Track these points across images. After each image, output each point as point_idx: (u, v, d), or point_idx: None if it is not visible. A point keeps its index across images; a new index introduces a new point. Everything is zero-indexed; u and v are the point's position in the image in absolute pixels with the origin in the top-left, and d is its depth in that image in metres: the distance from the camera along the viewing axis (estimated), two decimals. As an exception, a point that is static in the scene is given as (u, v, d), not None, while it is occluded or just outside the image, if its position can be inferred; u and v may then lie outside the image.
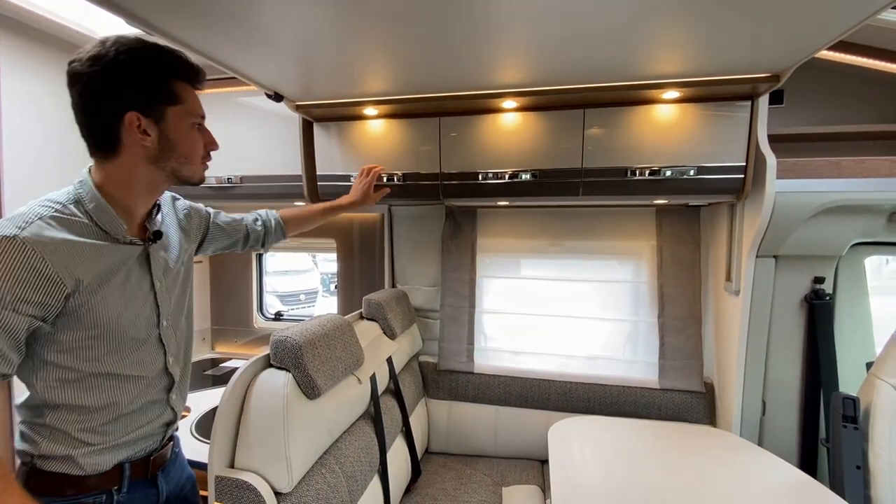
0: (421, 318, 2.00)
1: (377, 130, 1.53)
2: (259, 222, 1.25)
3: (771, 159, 1.26)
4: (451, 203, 1.71)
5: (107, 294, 0.77)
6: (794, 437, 1.51)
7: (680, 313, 1.68)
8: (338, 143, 1.57)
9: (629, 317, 1.79)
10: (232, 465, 0.94)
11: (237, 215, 1.22)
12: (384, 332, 1.62)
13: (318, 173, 1.60)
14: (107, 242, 0.78)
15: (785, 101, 1.53)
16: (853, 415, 1.24)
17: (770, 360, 1.50)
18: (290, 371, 1.02)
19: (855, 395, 1.27)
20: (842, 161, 1.31)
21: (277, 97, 1.36)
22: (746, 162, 1.30)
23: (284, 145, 1.64)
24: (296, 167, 1.63)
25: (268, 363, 1.05)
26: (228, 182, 1.74)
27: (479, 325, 1.90)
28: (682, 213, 1.69)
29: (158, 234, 0.88)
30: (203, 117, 0.87)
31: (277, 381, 0.99)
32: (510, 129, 1.43)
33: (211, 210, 1.16)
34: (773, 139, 1.32)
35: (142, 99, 0.76)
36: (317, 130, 1.58)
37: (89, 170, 0.82)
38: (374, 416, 1.37)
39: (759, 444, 1.48)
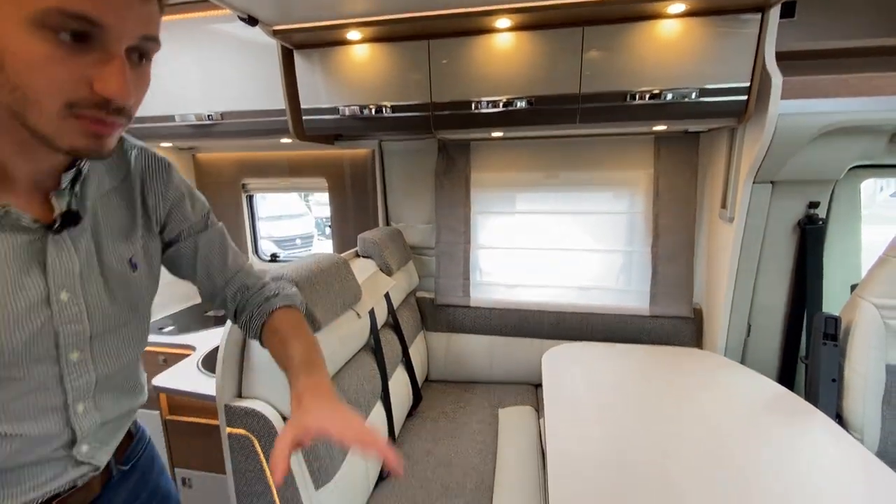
0: (417, 256, 2.01)
1: (363, 57, 1.43)
2: (238, 300, 0.78)
3: (777, 78, 1.21)
4: (443, 136, 1.66)
5: None
6: (775, 356, 1.59)
7: (673, 242, 1.69)
8: (321, 73, 1.48)
9: (623, 247, 1.81)
10: (239, 396, 0.99)
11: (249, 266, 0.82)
12: (380, 270, 1.63)
13: (302, 107, 1.53)
14: None
15: (796, 14, 1.44)
16: (833, 333, 1.30)
17: (758, 285, 1.54)
18: (288, 307, 1.03)
19: (837, 314, 1.32)
20: (850, 78, 1.26)
21: (252, 21, 1.26)
22: (751, 82, 1.25)
23: (268, 77, 1.54)
24: (280, 100, 1.54)
25: (266, 300, 1.06)
26: (209, 119, 1.66)
27: (474, 261, 1.92)
28: (681, 139, 1.64)
29: (71, 217, 0.53)
30: (84, 18, 0.41)
31: (277, 317, 1.01)
32: (504, 52, 1.34)
33: (211, 223, 0.75)
34: (780, 57, 1.25)
35: None
36: (298, 59, 1.48)
37: None
38: (374, 348, 1.42)
39: (742, 363, 1.56)
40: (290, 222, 5.81)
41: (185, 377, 1.38)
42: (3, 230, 0.48)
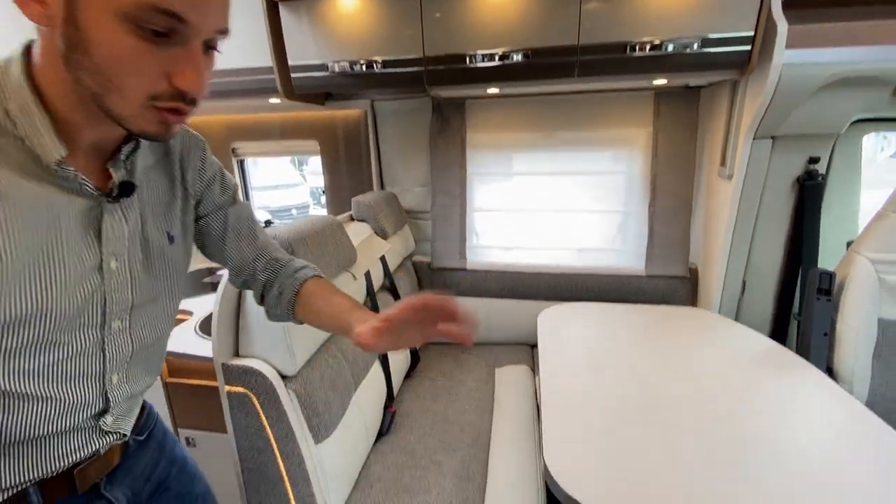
0: (413, 220, 1.99)
1: (352, 9, 1.37)
2: (269, 273, 0.76)
3: (782, 26, 1.16)
4: (437, 93, 1.61)
5: (12, 260, 0.44)
6: (768, 314, 1.61)
7: (671, 202, 1.68)
8: (309, 27, 1.41)
9: (620, 208, 1.79)
10: (237, 355, 0.99)
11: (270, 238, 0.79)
12: (375, 233, 1.62)
13: (290, 63, 1.47)
14: (25, 175, 0.45)
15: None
16: (828, 288, 1.31)
17: (755, 243, 1.54)
18: (282, 267, 1.03)
19: (832, 270, 1.33)
20: (856, 26, 1.21)
21: (233, -32, 1.19)
22: (755, 31, 1.20)
23: (254, 32, 1.47)
24: (268, 58, 1.48)
25: (260, 260, 1.05)
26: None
27: (470, 224, 1.90)
28: (681, 95, 1.60)
29: (128, 187, 0.54)
30: (173, 15, 0.42)
31: (271, 277, 1.00)
32: (500, 2, 1.28)
33: (238, 199, 0.74)
34: (785, 5, 1.20)
35: None
36: (284, 12, 1.41)
37: (27, 45, 0.47)
38: (370, 309, 1.42)
39: (736, 321, 1.58)
40: (286, 192, 5.75)
41: (184, 341, 1.38)
42: (69, 193, 0.49)
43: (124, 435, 0.64)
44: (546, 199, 1.84)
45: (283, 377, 0.98)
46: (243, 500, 1.03)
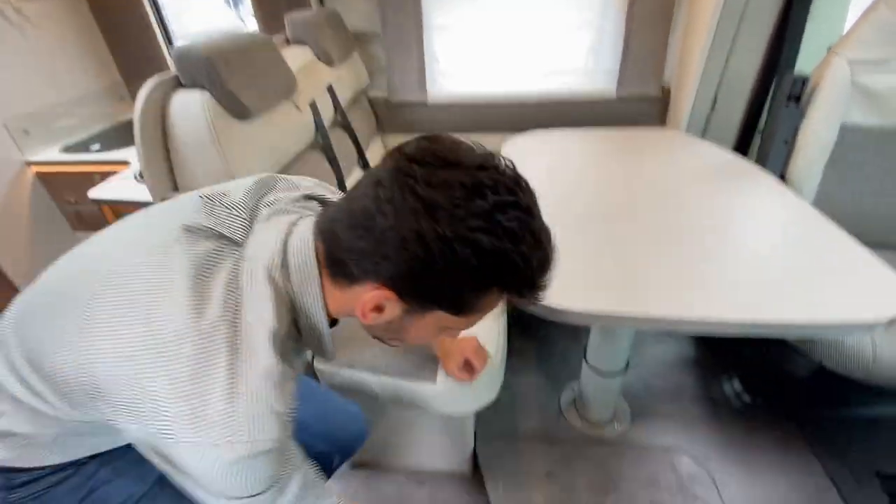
0: (363, 46, 1.75)
1: None
2: None
3: None
4: None
5: None
6: (734, 130, 1.58)
7: (650, 9, 1.49)
8: None
9: (595, 19, 1.59)
10: (175, 189, 0.92)
11: None
12: (318, 58, 1.42)
13: None
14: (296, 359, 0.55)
15: None
16: (798, 94, 1.25)
17: (733, 53, 1.42)
18: (205, 89, 0.89)
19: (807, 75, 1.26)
20: None
21: None
22: None
23: None
24: None
25: (178, 83, 0.91)
26: None
27: (429, 47, 1.69)
28: None
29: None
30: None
31: (194, 102, 0.88)
32: None
33: None
34: None
35: (415, 290, 0.45)
36: None
37: (320, 271, 0.48)
38: (323, 145, 1.32)
39: (703, 137, 1.55)
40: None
41: (124, 188, 1.29)
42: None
43: None
44: (513, 14, 1.61)
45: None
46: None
